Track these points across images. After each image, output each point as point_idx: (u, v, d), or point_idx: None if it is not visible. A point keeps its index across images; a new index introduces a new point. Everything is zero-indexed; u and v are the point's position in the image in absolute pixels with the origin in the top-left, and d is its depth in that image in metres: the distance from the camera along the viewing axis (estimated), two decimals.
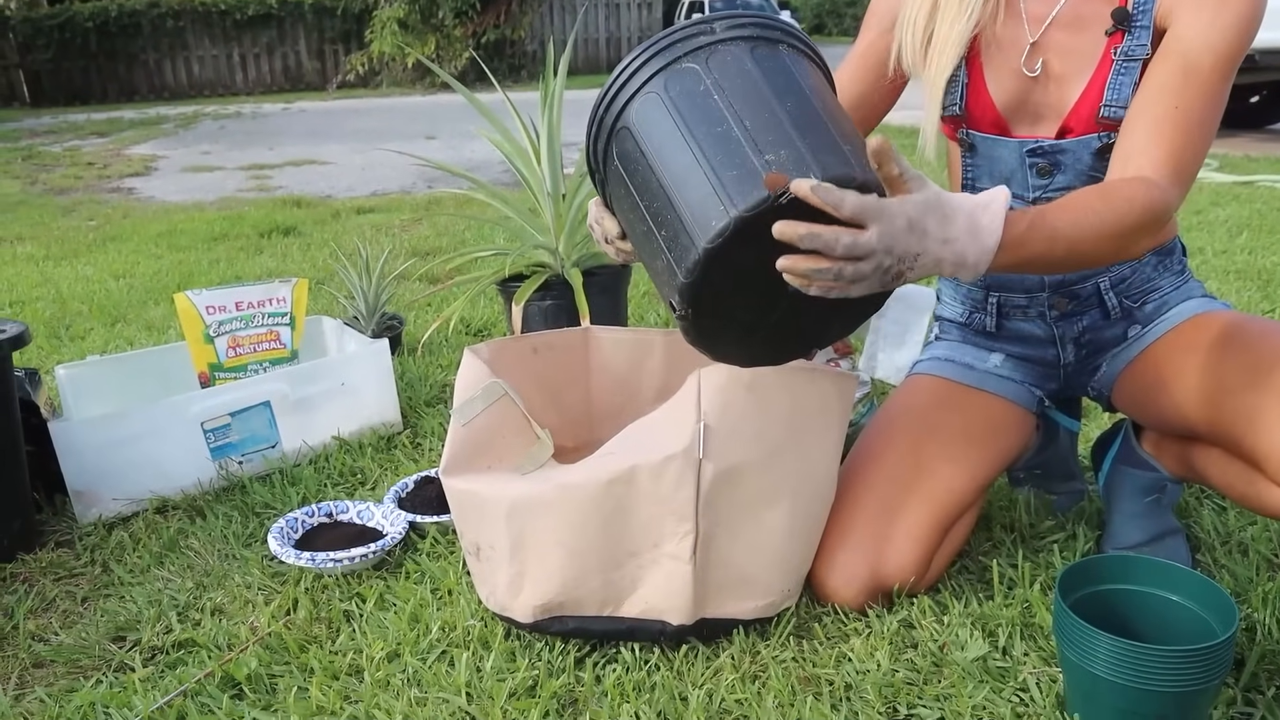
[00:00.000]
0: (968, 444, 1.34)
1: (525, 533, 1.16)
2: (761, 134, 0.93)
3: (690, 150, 0.94)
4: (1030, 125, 1.27)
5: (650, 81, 0.99)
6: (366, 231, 4.01)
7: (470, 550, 1.25)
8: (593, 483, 1.12)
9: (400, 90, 13.22)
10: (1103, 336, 1.36)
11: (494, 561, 1.21)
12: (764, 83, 0.96)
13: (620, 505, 1.12)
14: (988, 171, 1.31)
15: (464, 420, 1.24)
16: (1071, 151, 1.24)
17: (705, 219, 0.92)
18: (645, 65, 1.00)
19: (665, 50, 1.00)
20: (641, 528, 1.13)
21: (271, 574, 1.46)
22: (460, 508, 1.23)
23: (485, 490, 1.19)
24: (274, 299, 1.94)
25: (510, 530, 1.17)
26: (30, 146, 7.94)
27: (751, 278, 0.96)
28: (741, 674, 1.17)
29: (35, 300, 3.06)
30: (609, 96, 1.03)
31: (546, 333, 1.46)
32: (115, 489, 1.63)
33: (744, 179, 0.91)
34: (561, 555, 1.15)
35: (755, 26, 1.01)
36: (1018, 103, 1.26)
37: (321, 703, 1.15)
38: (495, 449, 1.25)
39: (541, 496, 1.14)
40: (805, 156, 0.91)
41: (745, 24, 1.01)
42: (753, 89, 0.96)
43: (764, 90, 0.96)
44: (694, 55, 0.98)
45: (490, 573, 1.22)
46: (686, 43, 0.99)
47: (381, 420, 1.92)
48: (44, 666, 1.27)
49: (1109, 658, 0.96)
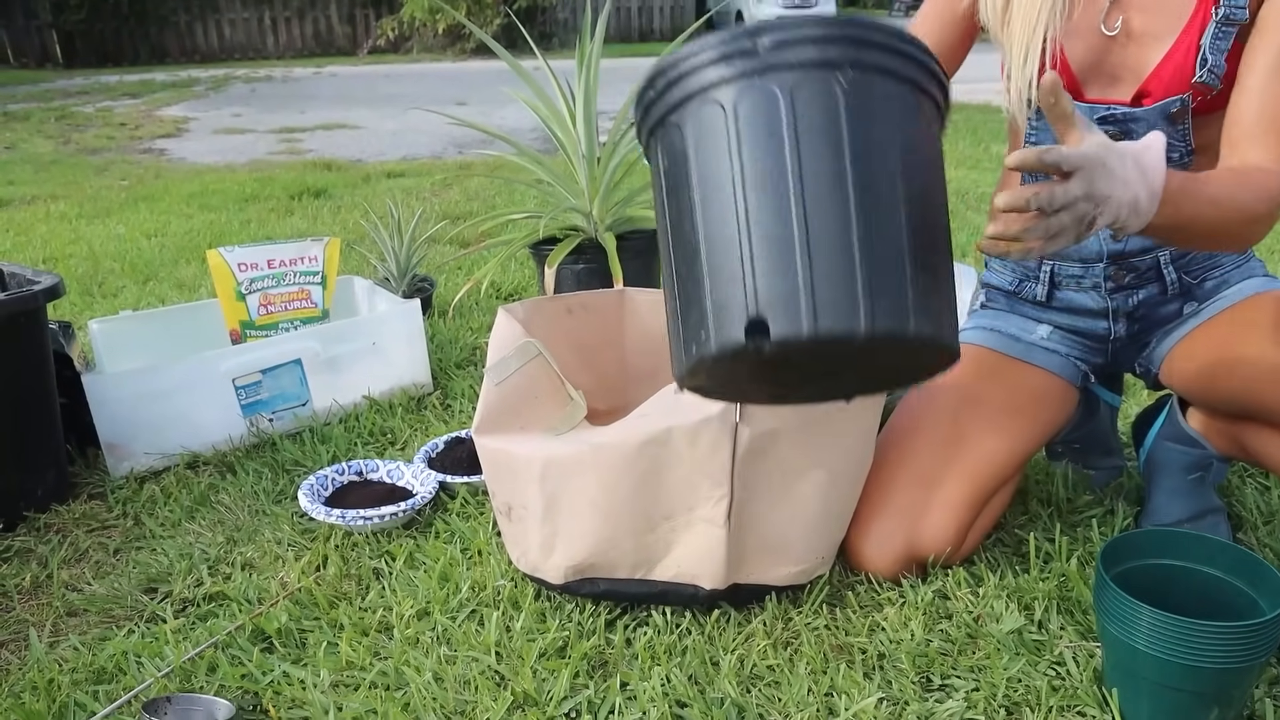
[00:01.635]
0: (1009, 416, 1.31)
1: (558, 493, 1.15)
2: (821, 241, 0.73)
3: (735, 212, 0.75)
4: (1104, 88, 1.20)
5: (719, 88, 0.77)
6: (397, 195, 4.00)
7: (502, 510, 1.25)
8: (627, 444, 1.10)
9: (431, 56, 13.17)
10: (1157, 313, 1.31)
11: (526, 522, 1.20)
12: (853, 162, 0.74)
13: (654, 467, 1.11)
14: (1053, 137, 1.27)
15: (497, 380, 1.23)
16: (1145, 120, 1.17)
17: (727, 314, 0.75)
18: (721, 62, 0.77)
19: (745, 54, 0.76)
20: (676, 490, 1.12)
21: (301, 530, 1.46)
22: (493, 467, 1.22)
23: (518, 450, 1.18)
24: (306, 257, 1.93)
25: (544, 491, 1.16)
26: (63, 107, 7.99)
27: (783, 369, 0.81)
28: (773, 640, 1.15)
29: (68, 257, 3.08)
30: (670, 76, 0.80)
31: (582, 293, 1.44)
32: (147, 443, 1.64)
33: (786, 301, 0.73)
34: (594, 517, 1.14)
35: (880, 50, 0.75)
36: (1094, 63, 1.19)
37: (351, 658, 1.15)
38: (528, 409, 1.23)
39: (575, 457, 1.13)
40: (859, 303, 0.73)
41: (862, 39, 0.75)
42: (834, 164, 0.73)
43: (847, 172, 0.73)
44: (780, 72, 0.75)
45: (522, 534, 1.22)
46: (779, 50, 0.75)
47: (412, 381, 1.92)
48: (77, 615, 1.28)
49: (1153, 632, 0.94)
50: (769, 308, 0.73)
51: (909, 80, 0.78)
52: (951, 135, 4.99)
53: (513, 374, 1.23)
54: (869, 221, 0.74)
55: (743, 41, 0.76)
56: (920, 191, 0.77)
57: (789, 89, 0.75)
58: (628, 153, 2.11)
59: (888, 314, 0.73)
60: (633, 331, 1.48)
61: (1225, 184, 1.02)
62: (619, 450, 1.11)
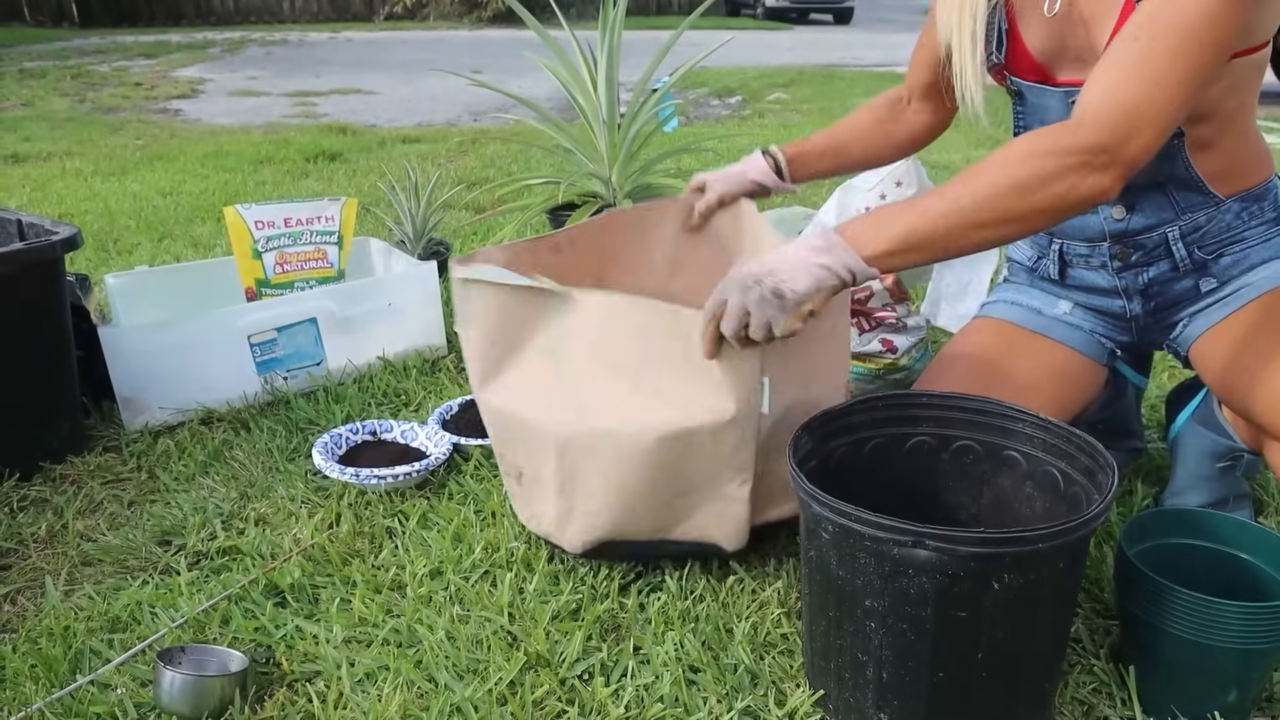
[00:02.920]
0: (1031, 391, 1.29)
1: (576, 471, 1.14)
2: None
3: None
4: (1072, 69, 1.19)
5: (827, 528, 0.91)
6: (412, 160, 3.98)
7: (510, 473, 1.23)
8: (645, 436, 1.08)
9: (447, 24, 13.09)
10: (1172, 290, 1.29)
11: (539, 492, 1.19)
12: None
13: (675, 460, 1.09)
14: (1037, 119, 1.25)
15: (465, 328, 1.18)
16: None
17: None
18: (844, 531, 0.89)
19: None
20: (697, 477, 1.11)
21: (315, 488, 1.46)
22: (503, 430, 1.20)
23: (532, 417, 1.15)
24: (323, 217, 1.92)
25: (561, 468, 1.14)
26: (79, 65, 7.96)
27: None
28: (787, 609, 1.15)
29: (84, 214, 3.07)
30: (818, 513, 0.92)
31: (569, 228, 1.39)
32: (162, 397, 1.63)
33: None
34: (612, 498, 1.13)
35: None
36: (1055, 48, 1.18)
37: (364, 614, 1.15)
38: (515, 338, 1.17)
39: (591, 444, 1.11)
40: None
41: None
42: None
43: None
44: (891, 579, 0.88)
45: (534, 499, 1.21)
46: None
47: (426, 343, 1.91)
48: (92, 565, 1.28)
49: (1177, 611, 0.93)
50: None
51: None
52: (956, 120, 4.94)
53: (475, 315, 1.17)
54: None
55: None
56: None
57: (881, 590, 0.91)
58: (646, 122, 2.09)
59: None
60: (616, 254, 1.42)
61: (960, 177, 1.00)
62: (637, 443, 1.09)
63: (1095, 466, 0.98)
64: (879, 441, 1.11)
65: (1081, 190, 0.98)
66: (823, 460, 1.04)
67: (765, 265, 1.00)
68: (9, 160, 3.99)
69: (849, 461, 1.09)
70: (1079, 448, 1.01)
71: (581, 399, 1.12)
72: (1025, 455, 1.07)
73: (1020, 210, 0.98)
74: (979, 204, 0.97)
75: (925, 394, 1.14)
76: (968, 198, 0.98)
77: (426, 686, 1.03)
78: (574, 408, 1.12)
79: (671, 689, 1.02)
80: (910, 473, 1.12)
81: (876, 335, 1.65)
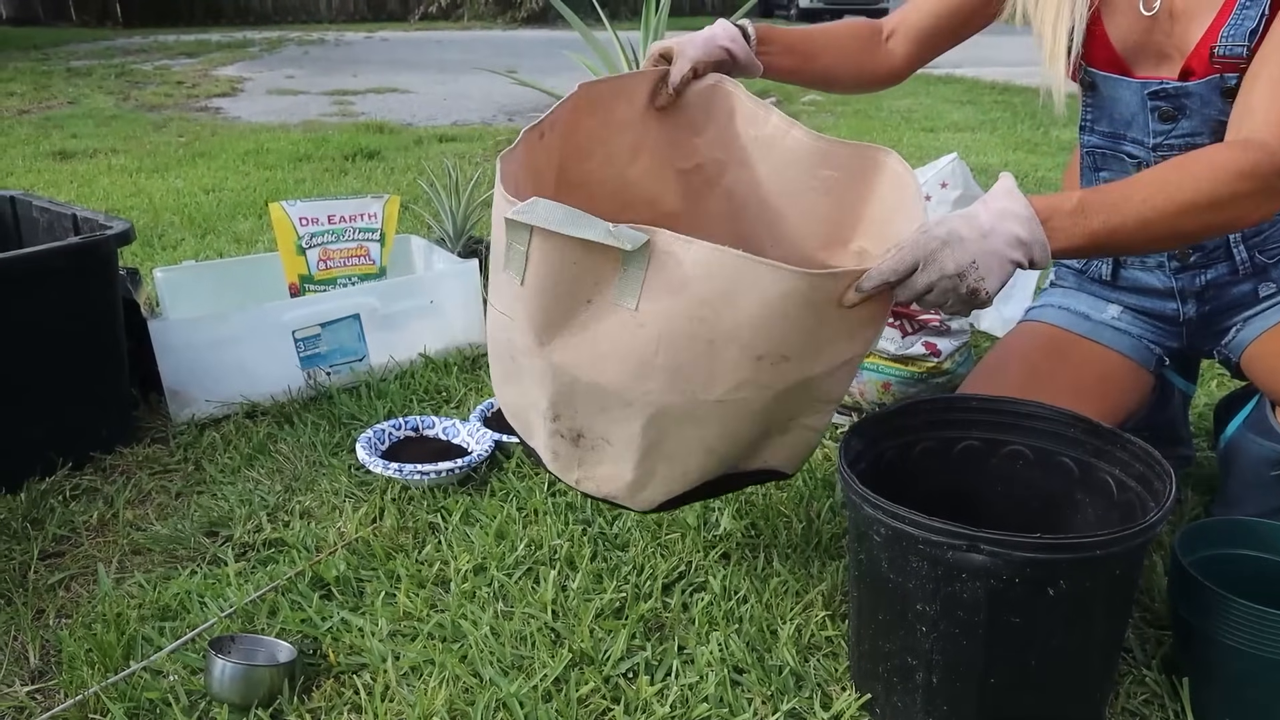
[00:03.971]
0: (1077, 396, 1.27)
1: (665, 438, 1.02)
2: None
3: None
4: (1154, 65, 1.17)
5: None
6: (449, 158, 4.00)
7: (564, 434, 1.07)
8: (761, 399, 0.98)
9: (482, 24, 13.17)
10: (1229, 294, 1.27)
11: (606, 455, 1.06)
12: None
13: (786, 405, 1.02)
14: (1107, 114, 1.23)
15: (519, 277, 0.98)
16: (1198, 95, 1.14)
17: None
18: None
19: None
20: (789, 413, 1.04)
21: (358, 483, 1.47)
22: (566, 391, 1.03)
23: (609, 383, 0.99)
24: (366, 214, 1.93)
25: (646, 437, 1.02)
26: (123, 64, 8.09)
27: None
28: (832, 611, 1.14)
29: (129, 209, 3.12)
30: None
31: (551, 112, 1.18)
32: (208, 390, 1.65)
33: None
34: (703, 457, 1.04)
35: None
36: (1138, 43, 1.16)
37: (409, 608, 1.16)
38: (588, 295, 0.98)
39: (691, 413, 1.00)
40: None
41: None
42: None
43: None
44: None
45: (596, 462, 1.08)
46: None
47: (467, 340, 1.92)
48: (142, 554, 1.30)
49: (1234, 622, 0.91)
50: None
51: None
52: (1011, 119, 4.90)
53: (534, 264, 0.97)
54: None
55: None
56: None
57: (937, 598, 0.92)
58: None
59: None
60: (591, 140, 1.25)
61: (1149, 185, 0.97)
62: (749, 408, 0.99)
63: (1151, 474, 0.97)
64: (927, 445, 1.10)
65: (1259, 214, 1.00)
66: (872, 463, 1.04)
67: (969, 253, 0.92)
68: (57, 157, 4.06)
69: (897, 465, 1.08)
70: (1133, 454, 1.00)
71: (676, 362, 0.96)
72: (1076, 461, 1.06)
73: (1205, 229, 1.00)
74: (1179, 218, 0.97)
75: (975, 398, 1.13)
76: (1171, 213, 0.97)
77: (471, 681, 1.04)
78: (665, 373, 0.97)
79: (716, 689, 1.02)
80: (958, 477, 1.11)
81: (920, 338, 1.64)
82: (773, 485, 1.43)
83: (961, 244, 0.92)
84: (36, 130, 4.71)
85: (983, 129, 4.67)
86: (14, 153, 4.12)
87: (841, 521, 1.33)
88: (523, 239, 0.96)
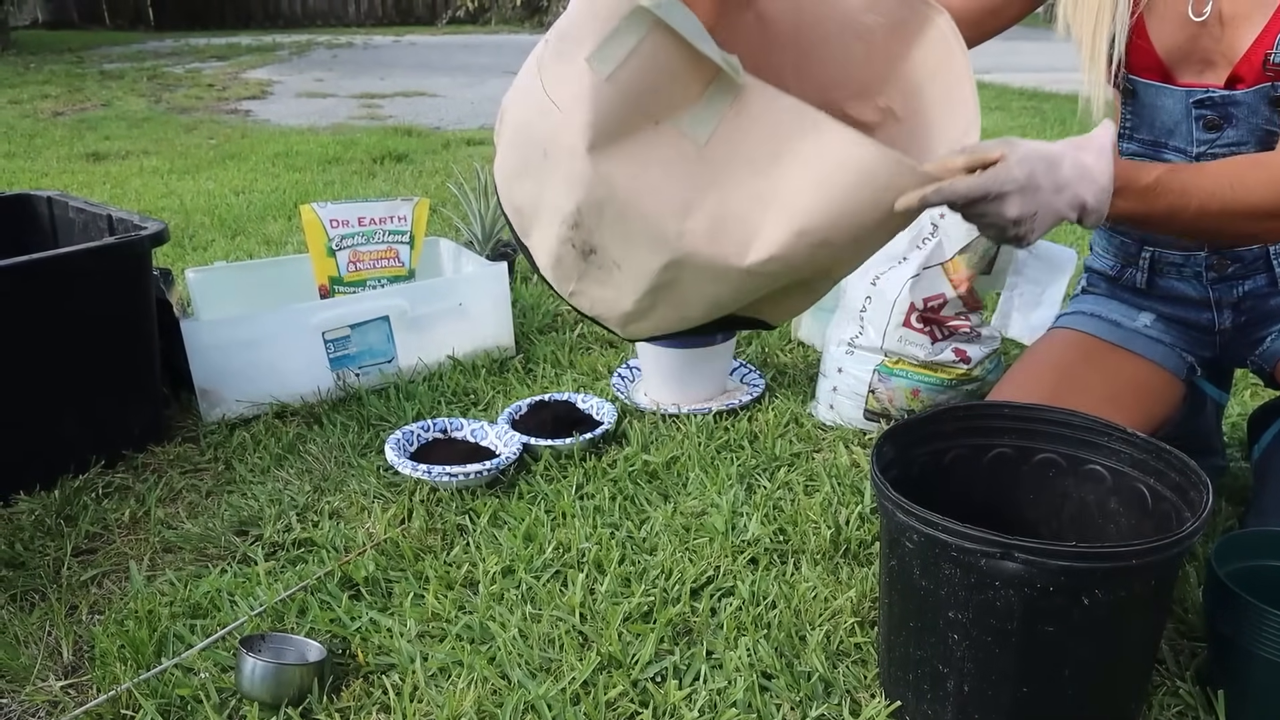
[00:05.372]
0: (1109, 405, 1.26)
1: (678, 283, 0.95)
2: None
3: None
4: (1198, 72, 1.16)
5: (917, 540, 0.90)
6: (477, 162, 4.02)
7: (575, 244, 0.97)
8: (789, 275, 0.92)
9: (509, 27, 13.22)
10: (1266, 305, 1.26)
11: (611, 279, 0.97)
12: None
13: (801, 281, 0.97)
14: (1148, 121, 1.22)
15: (607, 70, 0.88)
16: (1246, 103, 1.13)
17: None
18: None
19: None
20: (803, 286, 1.00)
21: (387, 484, 1.48)
22: (598, 204, 0.93)
23: (650, 210, 0.90)
24: (395, 216, 1.95)
25: (663, 276, 0.94)
26: (155, 67, 8.18)
27: None
28: (861, 618, 1.14)
29: (161, 210, 3.15)
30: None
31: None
32: (238, 390, 1.67)
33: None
34: (706, 308, 0.97)
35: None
36: (1183, 49, 1.15)
37: (437, 610, 1.16)
38: (656, 102, 0.90)
39: (717, 271, 0.92)
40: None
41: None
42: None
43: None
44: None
45: (598, 283, 0.99)
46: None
47: (495, 343, 1.93)
48: (173, 552, 1.31)
49: (1271, 634, 0.90)
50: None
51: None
52: (1040, 124, 4.86)
53: (628, 57, 0.88)
54: None
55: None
56: None
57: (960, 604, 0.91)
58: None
59: None
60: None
61: (1225, 175, 0.96)
62: (772, 280, 0.92)
63: (1187, 484, 0.96)
64: (959, 452, 1.10)
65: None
66: (904, 470, 1.03)
67: (1034, 204, 0.89)
68: (91, 158, 4.12)
69: (929, 472, 1.07)
70: (1169, 464, 0.99)
71: (723, 213, 0.91)
72: (1110, 470, 1.05)
73: (1262, 234, 1.00)
74: (1240, 219, 0.97)
75: (1007, 405, 1.12)
76: (1237, 212, 0.96)
77: (500, 684, 1.04)
78: (707, 220, 0.91)
79: (745, 694, 1.01)
80: (990, 485, 1.10)
81: (950, 345, 1.63)
82: (801, 491, 1.42)
83: (1035, 194, 0.88)
84: (70, 132, 4.78)
85: (1012, 134, 4.63)
86: (49, 154, 4.18)
87: (870, 528, 1.32)
88: (638, 32, 0.87)
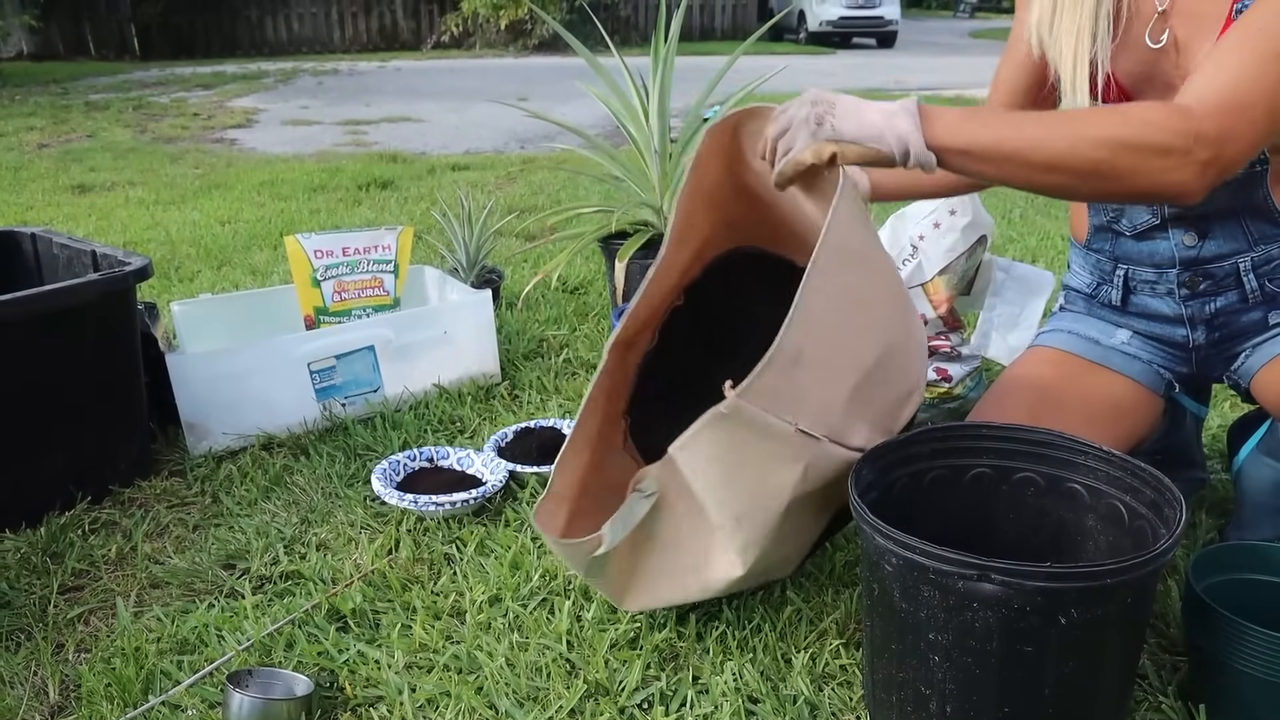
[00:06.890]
0: (1088, 422, 1.28)
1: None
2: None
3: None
4: (1159, 96, 1.18)
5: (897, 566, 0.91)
6: (462, 188, 4.04)
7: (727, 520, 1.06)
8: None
9: (493, 52, 13.30)
10: (1239, 321, 1.27)
11: (715, 538, 1.08)
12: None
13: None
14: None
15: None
16: None
17: None
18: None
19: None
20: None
21: (374, 514, 1.48)
22: (728, 470, 1.02)
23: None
24: (379, 246, 1.96)
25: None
26: (140, 97, 8.20)
27: None
28: (846, 640, 1.14)
29: (147, 241, 3.16)
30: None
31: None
32: (225, 423, 1.67)
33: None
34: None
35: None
36: (1144, 75, 1.17)
37: (424, 640, 1.17)
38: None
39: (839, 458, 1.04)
40: None
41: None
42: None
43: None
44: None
45: (701, 550, 1.10)
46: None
47: (481, 370, 1.93)
48: (160, 587, 1.31)
49: (1250, 649, 0.91)
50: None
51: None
52: None
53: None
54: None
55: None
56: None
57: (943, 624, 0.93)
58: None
59: None
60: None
61: (1068, 114, 1.01)
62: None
63: (1161, 500, 0.97)
64: (939, 473, 1.11)
65: (1170, 178, 0.98)
66: (884, 491, 1.04)
67: (831, 97, 1.02)
68: (76, 190, 4.12)
69: (909, 493, 1.08)
70: (1144, 481, 1.00)
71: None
72: (1088, 488, 1.06)
73: (1108, 169, 0.98)
74: (1075, 146, 0.97)
75: (986, 425, 1.13)
76: (1066, 137, 0.97)
77: (488, 714, 1.04)
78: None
79: (731, 719, 1.02)
80: (970, 505, 1.11)
81: (931, 364, 1.65)
82: None
83: (816, 93, 1.02)
84: (56, 164, 4.79)
85: None
86: (34, 186, 4.19)
87: (854, 548, 1.33)
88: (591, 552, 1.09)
